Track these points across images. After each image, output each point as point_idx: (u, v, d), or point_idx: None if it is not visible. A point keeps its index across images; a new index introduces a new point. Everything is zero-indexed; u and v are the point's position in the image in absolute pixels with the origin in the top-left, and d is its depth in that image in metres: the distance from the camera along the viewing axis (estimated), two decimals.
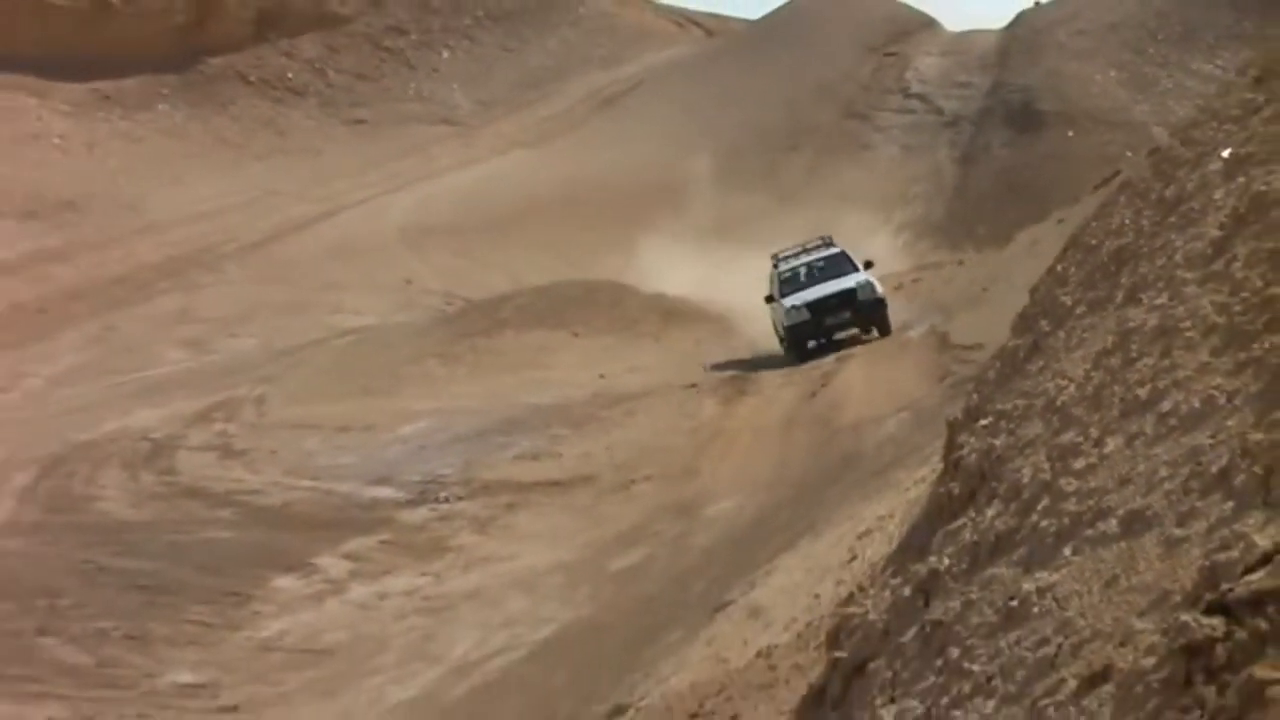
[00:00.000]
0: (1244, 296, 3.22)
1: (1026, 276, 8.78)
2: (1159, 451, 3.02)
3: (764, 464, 14.50)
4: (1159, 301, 3.88)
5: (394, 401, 20.14)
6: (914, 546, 4.92)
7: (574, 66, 48.64)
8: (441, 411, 19.25)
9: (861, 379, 17.19)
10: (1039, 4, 45.94)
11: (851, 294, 20.40)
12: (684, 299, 26.01)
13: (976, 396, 6.03)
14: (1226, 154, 4.60)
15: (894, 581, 4.61)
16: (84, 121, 40.71)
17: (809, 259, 21.82)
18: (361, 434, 18.45)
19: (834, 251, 21.85)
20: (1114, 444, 3.30)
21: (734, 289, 24.09)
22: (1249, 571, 2.20)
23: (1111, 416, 3.47)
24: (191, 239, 33.96)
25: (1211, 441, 2.81)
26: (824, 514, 10.04)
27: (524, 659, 10.71)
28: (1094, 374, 3.94)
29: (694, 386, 19.25)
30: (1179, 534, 2.63)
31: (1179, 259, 4.05)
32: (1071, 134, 36.29)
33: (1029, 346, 5.60)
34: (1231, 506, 2.51)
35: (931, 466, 7.40)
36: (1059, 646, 2.71)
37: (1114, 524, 2.90)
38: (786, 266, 21.79)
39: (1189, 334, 3.39)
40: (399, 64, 47.48)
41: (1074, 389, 4.01)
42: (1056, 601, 2.87)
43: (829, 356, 19.55)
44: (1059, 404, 4.03)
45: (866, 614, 4.52)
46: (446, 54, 48.44)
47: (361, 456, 17.32)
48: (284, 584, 13.12)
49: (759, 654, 7.12)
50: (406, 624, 12.10)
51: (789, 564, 8.89)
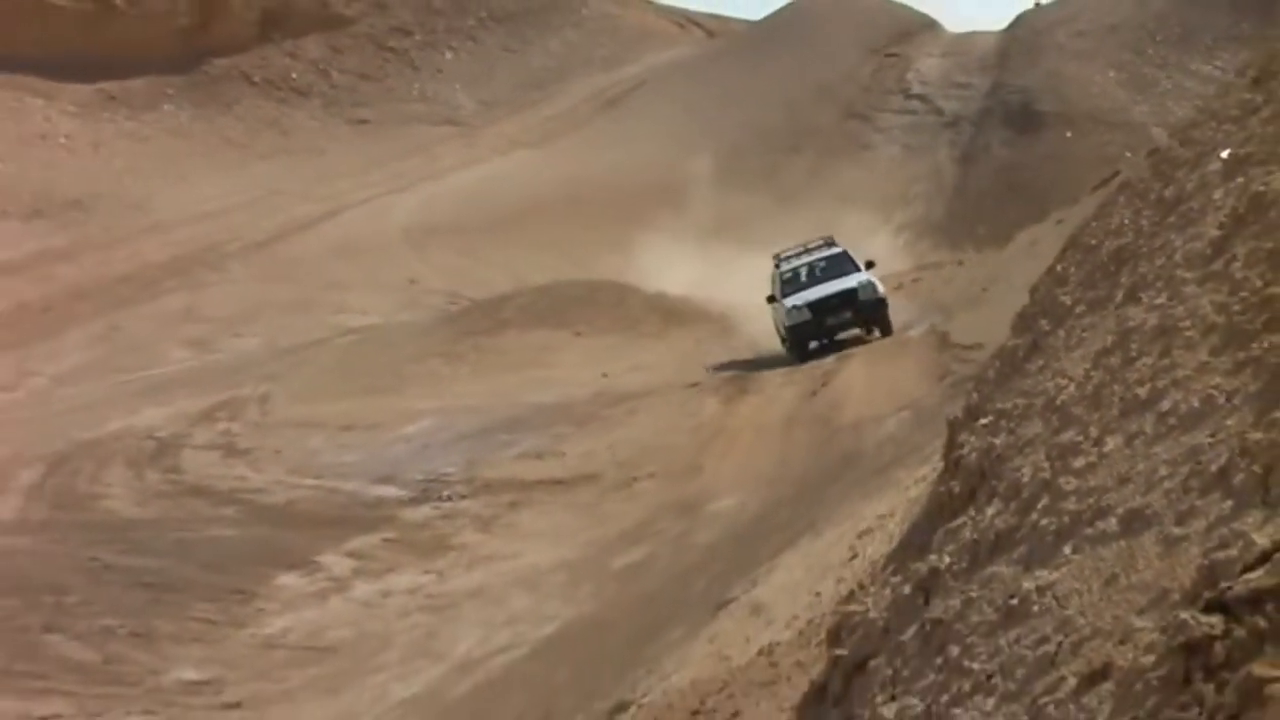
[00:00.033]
0: (1243, 296, 3.22)
1: (1026, 276, 8.80)
2: (1158, 450, 3.01)
3: (765, 462, 14.51)
4: (1158, 301, 3.88)
5: (397, 400, 20.16)
6: (914, 545, 4.93)
7: (576, 67, 48.63)
8: (445, 410, 19.28)
9: (862, 378, 17.18)
10: (1039, 5, 45.93)
11: (853, 294, 20.29)
12: (685, 298, 26.00)
13: (976, 396, 6.04)
14: (1225, 154, 4.61)
15: (894, 579, 4.62)
16: (90, 122, 40.77)
17: (810, 259, 21.69)
18: (365, 433, 18.48)
19: (836, 251, 21.75)
20: (1113, 443, 3.30)
21: (735, 288, 24.06)
22: (1248, 570, 2.20)
23: (1111, 416, 3.48)
24: (196, 238, 34.00)
25: (1211, 440, 2.81)
26: (825, 512, 10.04)
27: (526, 656, 10.72)
28: (1093, 373, 3.94)
29: (696, 385, 19.26)
30: (1178, 532, 2.62)
31: (1178, 259, 4.06)
32: (1071, 134, 36.26)
33: (1029, 346, 5.60)
34: (1230, 505, 2.50)
35: (932, 465, 7.41)
36: (1059, 644, 2.70)
37: (1113, 523, 2.90)
38: (788, 266, 21.66)
39: (1188, 333, 3.39)
40: (402, 64, 47.48)
41: (1074, 388, 4.02)
42: (1056, 600, 2.87)
43: (829, 356, 19.55)
44: (1059, 403, 4.03)
45: (867, 612, 4.53)
46: (450, 55, 48.44)
47: (365, 455, 17.35)
48: (288, 582, 13.16)
49: (760, 651, 7.13)
50: (410, 621, 12.13)
51: (790, 562, 8.89)
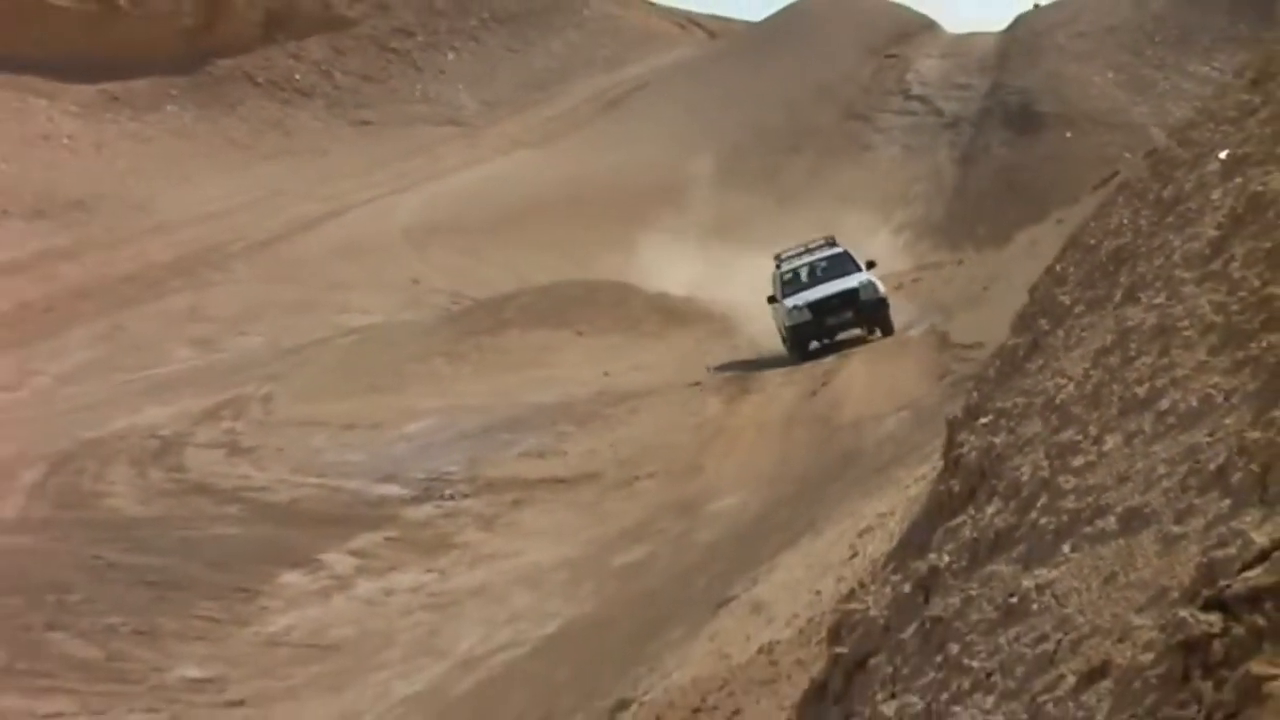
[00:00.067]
0: (1241, 296, 3.23)
1: (1026, 276, 8.80)
2: (1157, 449, 3.02)
3: (766, 461, 14.53)
4: (1157, 301, 3.89)
5: (400, 399, 20.18)
6: (914, 543, 4.94)
7: (578, 68, 48.62)
8: (447, 409, 19.29)
9: (862, 377, 17.20)
10: (1038, 7, 45.90)
11: (853, 294, 20.26)
12: (686, 298, 26.01)
13: (976, 395, 6.04)
14: (1224, 155, 4.62)
15: (894, 578, 4.63)
16: (93, 122, 40.79)
17: (811, 259, 21.68)
18: (368, 432, 18.50)
19: (836, 251, 21.73)
20: (1113, 442, 3.30)
21: (736, 288, 24.08)
22: (1246, 568, 2.20)
23: (1110, 415, 3.49)
24: (199, 238, 34.01)
25: (1209, 439, 2.81)
26: (825, 511, 10.05)
27: (528, 654, 10.74)
28: (1093, 372, 3.95)
29: (697, 385, 19.28)
30: (1177, 531, 2.63)
31: (1177, 259, 4.06)
32: (1070, 135, 36.23)
33: (1028, 345, 5.61)
34: (1229, 504, 2.50)
35: (932, 464, 7.42)
36: (1058, 643, 2.70)
37: (1112, 521, 2.90)
38: (789, 266, 21.64)
39: (1187, 333, 3.40)
40: (405, 65, 47.49)
41: (1073, 387, 4.02)
42: (1055, 598, 2.87)
43: (830, 355, 19.56)
44: (1058, 402, 4.03)
45: (867, 610, 4.53)
46: (452, 55, 48.44)
47: (368, 454, 17.38)
48: (291, 580, 13.18)
49: (761, 649, 7.15)
50: (412, 620, 12.15)
51: (791, 560, 8.91)
